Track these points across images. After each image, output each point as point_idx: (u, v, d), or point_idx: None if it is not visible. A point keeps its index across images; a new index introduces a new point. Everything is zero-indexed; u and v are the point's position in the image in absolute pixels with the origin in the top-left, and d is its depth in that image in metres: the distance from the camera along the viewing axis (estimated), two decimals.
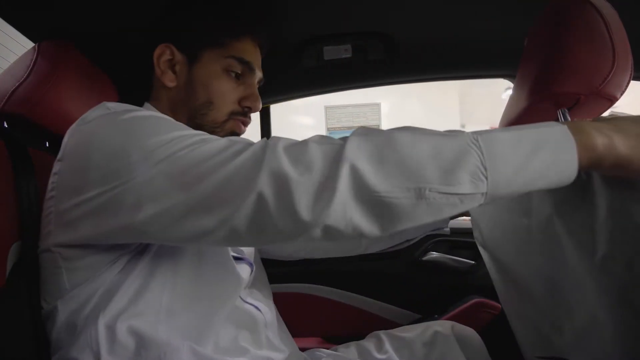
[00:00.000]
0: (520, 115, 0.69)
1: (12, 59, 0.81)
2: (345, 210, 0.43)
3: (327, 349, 0.85)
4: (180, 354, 0.55)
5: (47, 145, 0.79)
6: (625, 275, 0.48)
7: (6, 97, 0.71)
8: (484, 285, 1.17)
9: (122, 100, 0.90)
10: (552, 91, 0.61)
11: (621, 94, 0.61)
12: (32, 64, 0.73)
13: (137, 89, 0.76)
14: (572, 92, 0.60)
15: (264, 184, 0.44)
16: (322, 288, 1.29)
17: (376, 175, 0.42)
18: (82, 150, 0.54)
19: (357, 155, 0.43)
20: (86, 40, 0.83)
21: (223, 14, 0.72)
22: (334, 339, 1.25)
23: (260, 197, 0.44)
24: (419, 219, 0.44)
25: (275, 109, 1.44)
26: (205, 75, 0.69)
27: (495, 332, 0.93)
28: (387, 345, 0.83)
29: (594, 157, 0.43)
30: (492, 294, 1.14)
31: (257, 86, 0.77)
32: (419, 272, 1.26)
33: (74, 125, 0.58)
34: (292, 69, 1.14)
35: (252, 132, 1.41)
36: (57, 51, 0.76)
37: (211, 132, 0.69)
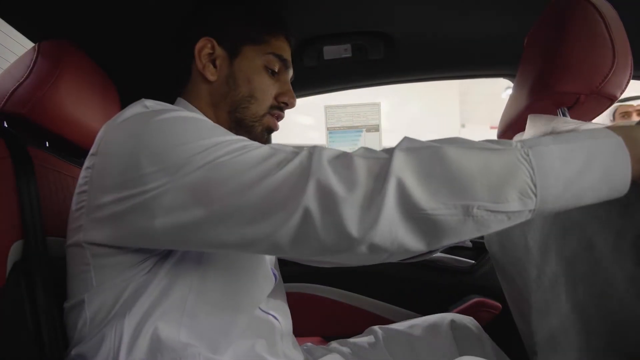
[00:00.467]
0: (521, 115, 0.69)
1: (12, 59, 0.81)
2: (391, 228, 0.42)
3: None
4: None
5: (47, 145, 0.79)
6: None
7: (6, 97, 0.71)
8: (484, 284, 1.18)
9: (123, 98, 0.91)
10: (552, 90, 0.61)
11: (621, 93, 0.61)
12: (32, 64, 0.73)
13: (151, 85, 0.76)
14: (572, 92, 0.60)
15: (311, 199, 0.43)
16: (322, 287, 1.29)
17: (423, 192, 0.41)
18: (116, 148, 0.53)
19: (403, 171, 0.42)
20: (86, 39, 0.83)
21: (263, 11, 0.74)
22: (334, 339, 1.25)
23: (307, 213, 0.43)
24: (465, 235, 0.43)
25: None
26: (247, 69, 0.70)
27: (496, 331, 0.93)
28: (382, 340, 0.83)
29: None
30: (492, 293, 1.15)
31: None
32: (419, 272, 1.26)
33: (110, 121, 0.57)
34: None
35: None
36: (57, 51, 0.76)
37: (250, 126, 0.71)
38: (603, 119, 1.77)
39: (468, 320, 0.87)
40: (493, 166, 0.41)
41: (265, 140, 0.73)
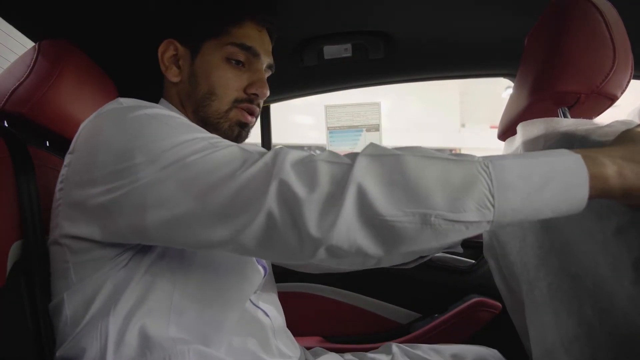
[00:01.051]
0: (521, 114, 0.69)
1: (13, 58, 0.81)
2: (349, 231, 0.42)
3: (328, 348, 0.85)
4: (184, 357, 0.55)
5: (47, 144, 0.79)
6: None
7: (6, 97, 0.71)
8: (484, 284, 1.17)
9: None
10: (553, 90, 0.61)
11: (621, 93, 0.61)
12: (32, 64, 0.74)
13: (150, 85, 0.76)
14: (572, 91, 0.60)
15: (273, 202, 0.44)
16: (322, 287, 1.29)
17: (382, 198, 0.42)
18: (90, 144, 0.54)
19: (364, 177, 0.42)
20: (86, 39, 0.83)
21: (222, 1, 0.71)
22: (334, 338, 1.26)
23: (270, 215, 0.44)
24: (423, 243, 0.44)
25: (275, 109, 1.44)
26: (205, 65, 0.69)
27: (496, 331, 0.93)
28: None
29: (606, 187, 0.42)
30: (492, 293, 1.15)
31: (268, 72, 0.76)
32: (419, 271, 1.26)
33: (88, 119, 0.58)
34: (292, 69, 1.14)
35: (253, 132, 1.41)
36: (57, 50, 0.76)
37: (215, 123, 0.69)
38: (633, 117, 1.75)
39: (493, 354, 0.83)
40: (452, 176, 0.42)
41: (238, 135, 0.71)
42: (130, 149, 0.50)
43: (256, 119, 0.74)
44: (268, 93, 0.72)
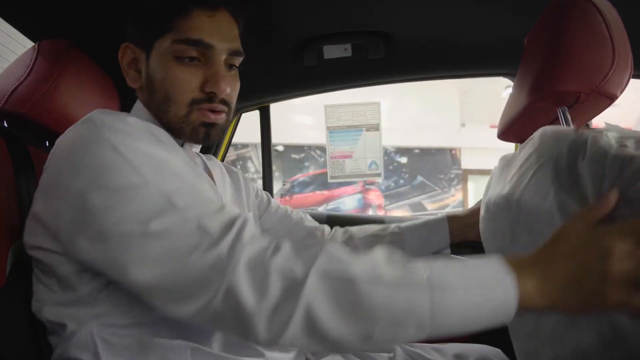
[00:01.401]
0: (521, 114, 0.69)
1: (13, 58, 0.81)
2: (294, 341, 0.46)
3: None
4: (182, 355, 0.55)
5: (47, 144, 0.79)
6: None
7: (6, 97, 0.71)
8: None
9: (122, 99, 0.90)
10: (553, 90, 0.61)
11: (621, 92, 0.61)
12: (32, 64, 0.74)
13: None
14: (572, 91, 0.60)
15: (220, 303, 0.46)
16: None
17: (329, 319, 0.44)
18: (58, 165, 0.54)
19: (314, 297, 0.44)
20: (86, 39, 0.83)
21: None
22: None
23: (217, 313, 0.46)
24: (361, 350, 0.52)
25: (275, 109, 1.44)
26: (158, 68, 0.63)
27: (496, 330, 0.93)
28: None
29: (531, 305, 0.46)
30: None
31: (236, 59, 0.67)
32: None
33: (62, 135, 0.57)
34: (292, 68, 1.14)
35: (253, 132, 1.41)
36: (57, 50, 0.76)
37: (178, 129, 0.64)
38: (637, 124, 1.74)
39: (496, 353, 0.83)
40: (397, 303, 0.45)
41: (205, 135, 0.65)
42: (89, 190, 0.49)
43: (227, 116, 0.67)
44: (227, 88, 0.63)
